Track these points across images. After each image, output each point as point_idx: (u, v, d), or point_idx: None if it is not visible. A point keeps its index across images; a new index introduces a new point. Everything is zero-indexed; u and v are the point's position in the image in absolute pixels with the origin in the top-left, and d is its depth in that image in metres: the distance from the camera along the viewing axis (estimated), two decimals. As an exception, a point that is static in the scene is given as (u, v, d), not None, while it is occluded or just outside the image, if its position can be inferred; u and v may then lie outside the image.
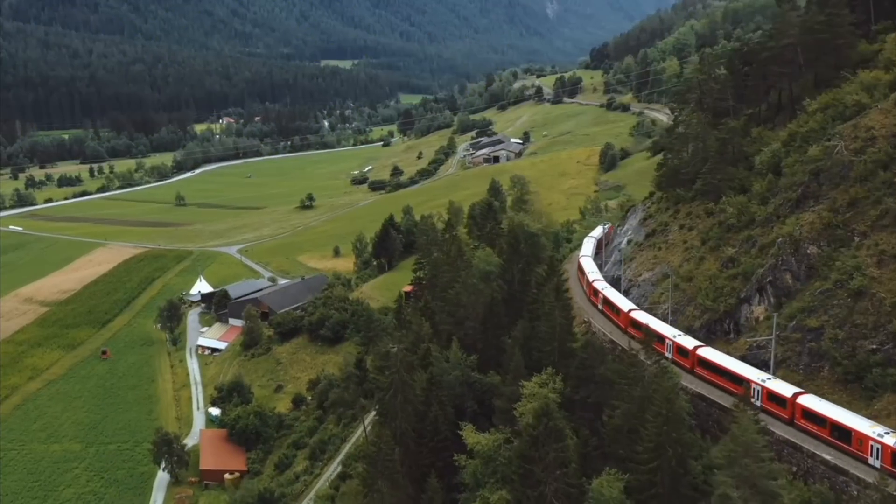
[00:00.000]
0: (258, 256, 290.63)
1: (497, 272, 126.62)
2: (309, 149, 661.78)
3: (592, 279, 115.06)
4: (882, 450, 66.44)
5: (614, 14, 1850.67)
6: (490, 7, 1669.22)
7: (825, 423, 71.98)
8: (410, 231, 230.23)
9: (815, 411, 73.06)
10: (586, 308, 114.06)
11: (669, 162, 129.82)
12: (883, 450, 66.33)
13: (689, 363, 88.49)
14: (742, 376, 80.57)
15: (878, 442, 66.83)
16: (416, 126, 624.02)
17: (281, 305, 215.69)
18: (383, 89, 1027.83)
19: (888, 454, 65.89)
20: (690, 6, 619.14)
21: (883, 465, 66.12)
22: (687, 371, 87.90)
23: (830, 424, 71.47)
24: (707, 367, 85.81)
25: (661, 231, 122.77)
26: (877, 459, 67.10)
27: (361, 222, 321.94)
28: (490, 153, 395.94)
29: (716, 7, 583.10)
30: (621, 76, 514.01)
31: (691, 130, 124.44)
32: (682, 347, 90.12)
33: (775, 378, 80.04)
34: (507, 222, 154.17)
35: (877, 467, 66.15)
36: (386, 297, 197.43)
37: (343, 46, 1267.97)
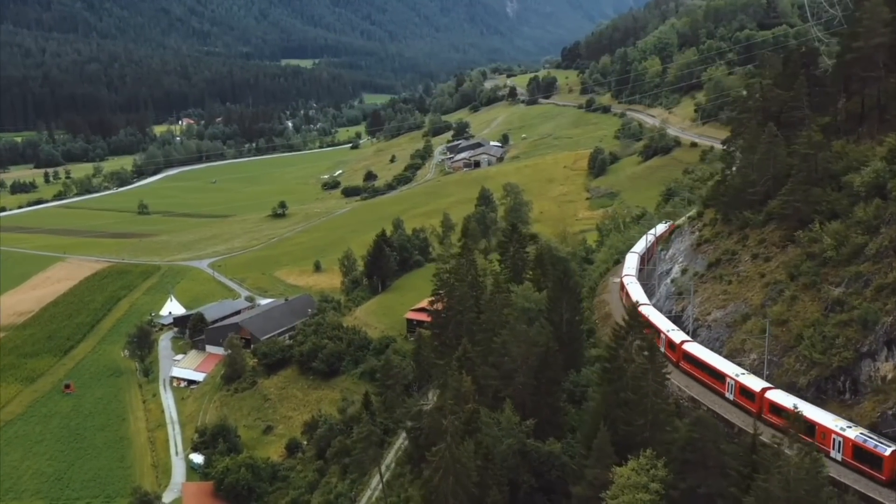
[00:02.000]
0: (232, 272, 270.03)
1: (535, 309, 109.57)
2: (274, 151, 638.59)
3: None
4: (843, 443, 69.85)
5: (574, 13, 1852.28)
6: (450, 6, 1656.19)
7: (782, 413, 74.76)
8: (404, 247, 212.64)
9: (782, 405, 75.98)
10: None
11: (730, 180, 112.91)
12: (844, 443, 69.73)
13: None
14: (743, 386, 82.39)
15: (839, 435, 70.32)
16: (386, 128, 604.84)
17: (264, 331, 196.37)
18: (346, 89, 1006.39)
19: (849, 447, 69.23)
20: (663, 4, 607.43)
21: (844, 459, 69.75)
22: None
23: (802, 422, 72.03)
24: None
25: (729, 260, 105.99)
26: (838, 453, 70.49)
27: (340, 233, 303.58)
28: (470, 157, 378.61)
29: (690, 6, 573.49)
30: (598, 76, 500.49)
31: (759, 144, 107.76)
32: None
33: (749, 373, 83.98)
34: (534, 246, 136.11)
35: (838, 461, 69.80)
36: (384, 323, 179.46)
37: (303, 45, 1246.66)
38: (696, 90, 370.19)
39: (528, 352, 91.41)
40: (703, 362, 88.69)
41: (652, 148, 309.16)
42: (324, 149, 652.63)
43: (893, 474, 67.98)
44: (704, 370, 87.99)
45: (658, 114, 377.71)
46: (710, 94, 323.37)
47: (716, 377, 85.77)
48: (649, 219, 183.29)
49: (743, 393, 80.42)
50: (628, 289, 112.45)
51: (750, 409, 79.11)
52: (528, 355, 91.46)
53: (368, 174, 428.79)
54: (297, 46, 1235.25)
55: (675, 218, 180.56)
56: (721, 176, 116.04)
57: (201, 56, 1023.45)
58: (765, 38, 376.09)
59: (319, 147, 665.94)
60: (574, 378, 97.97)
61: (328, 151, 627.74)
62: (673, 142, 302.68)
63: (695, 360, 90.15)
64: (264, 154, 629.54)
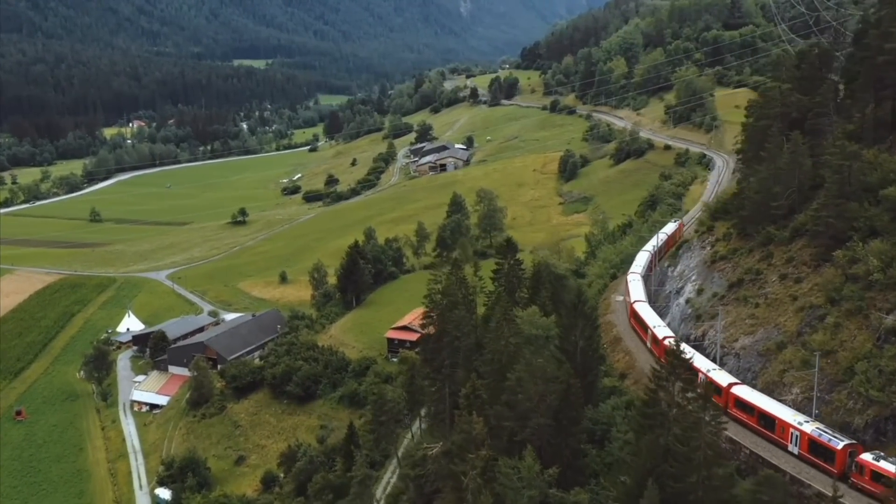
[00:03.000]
0: (192, 284, 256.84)
1: (543, 336, 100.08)
2: (230, 154, 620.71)
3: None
4: (800, 437, 71.52)
5: (527, 13, 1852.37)
6: (404, 5, 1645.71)
7: (753, 412, 77.53)
8: (378, 259, 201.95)
9: (746, 400, 78.79)
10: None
11: (748, 191, 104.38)
12: (801, 437, 71.39)
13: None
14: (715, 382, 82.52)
15: (797, 430, 71.86)
16: (345, 130, 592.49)
17: (231, 350, 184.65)
18: (301, 90, 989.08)
19: (805, 441, 70.97)
20: (623, 4, 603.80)
21: (801, 453, 71.56)
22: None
23: (758, 413, 76.79)
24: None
25: (753, 281, 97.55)
26: (795, 446, 72.18)
27: (305, 241, 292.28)
28: (436, 161, 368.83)
29: (650, 6, 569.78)
30: (561, 77, 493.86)
31: (781, 153, 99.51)
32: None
33: (721, 369, 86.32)
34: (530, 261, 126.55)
35: (795, 454, 71.92)
36: (361, 342, 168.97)
37: (256, 45, 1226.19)
38: (665, 91, 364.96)
39: (547, 389, 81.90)
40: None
41: (624, 151, 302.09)
42: (281, 151, 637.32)
43: (845, 468, 68.90)
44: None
45: (626, 115, 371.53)
46: (680, 96, 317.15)
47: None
48: (638, 228, 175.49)
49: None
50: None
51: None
52: (547, 393, 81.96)
53: (330, 178, 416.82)
54: (250, 46, 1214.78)
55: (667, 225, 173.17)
56: (737, 187, 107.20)
57: (151, 56, 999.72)
58: (732, 38, 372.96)
59: (276, 150, 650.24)
60: (592, 414, 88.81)
61: (285, 154, 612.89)
62: (646, 144, 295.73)
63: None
64: (220, 157, 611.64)
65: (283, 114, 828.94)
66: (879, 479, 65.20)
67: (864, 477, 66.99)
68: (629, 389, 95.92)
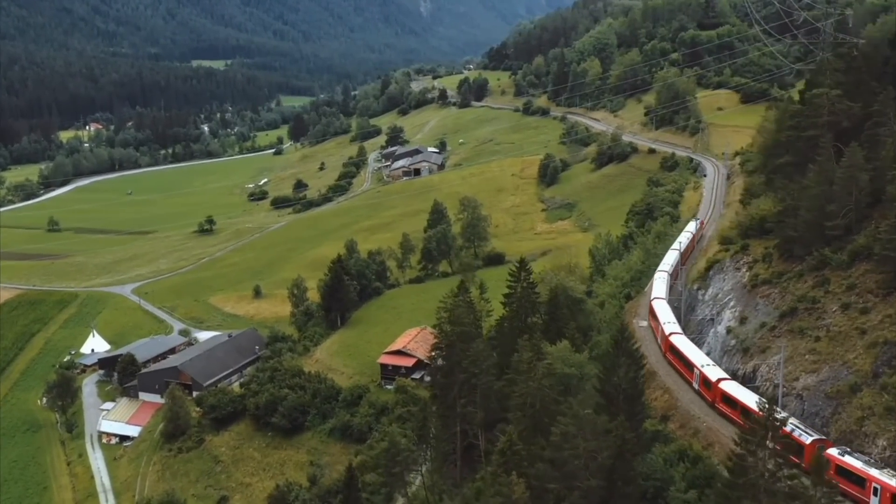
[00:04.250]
0: (160, 299, 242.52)
1: (576, 376, 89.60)
2: (192, 158, 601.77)
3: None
4: None
5: (487, 13, 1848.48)
6: (364, 5, 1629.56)
7: (737, 406, 79.00)
8: (362, 274, 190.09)
9: (731, 395, 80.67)
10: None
11: (795, 209, 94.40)
12: None
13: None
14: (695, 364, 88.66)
15: None
16: (311, 132, 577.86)
17: (207, 375, 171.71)
18: (262, 91, 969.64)
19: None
20: (591, 4, 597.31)
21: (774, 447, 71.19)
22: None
23: (741, 408, 77.74)
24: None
25: (808, 310, 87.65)
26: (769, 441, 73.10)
27: (278, 251, 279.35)
28: (409, 165, 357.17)
29: (618, 5, 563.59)
30: (532, 78, 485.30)
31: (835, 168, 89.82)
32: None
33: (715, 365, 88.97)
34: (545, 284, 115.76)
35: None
36: (351, 367, 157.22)
37: (214, 46, 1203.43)
38: (642, 93, 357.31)
39: (599, 445, 71.24)
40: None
41: (606, 154, 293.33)
42: (244, 155, 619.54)
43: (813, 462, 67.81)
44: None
45: (603, 117, 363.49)
46: (661, 98, 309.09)
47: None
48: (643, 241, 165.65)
49: (704, 383, 79.53)
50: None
51: (707, 398, 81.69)
52: (599, 449, 71.29)
53: (298, 183, 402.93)
54: (208, 47, 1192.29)
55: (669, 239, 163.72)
56: (782, 206, 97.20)
57: (107, 57, 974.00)
58: (709, 38, 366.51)
59: (240, 153, 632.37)
60: (640, 467, 78.25)
61: (250, 158, 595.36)
62: (629, 148, 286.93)
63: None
64: (182, 161, 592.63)
65: (245, 116, 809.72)
66: (844, 474, 65.99)
67: (829, 471, 66.00)
68: (675, 434, 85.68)
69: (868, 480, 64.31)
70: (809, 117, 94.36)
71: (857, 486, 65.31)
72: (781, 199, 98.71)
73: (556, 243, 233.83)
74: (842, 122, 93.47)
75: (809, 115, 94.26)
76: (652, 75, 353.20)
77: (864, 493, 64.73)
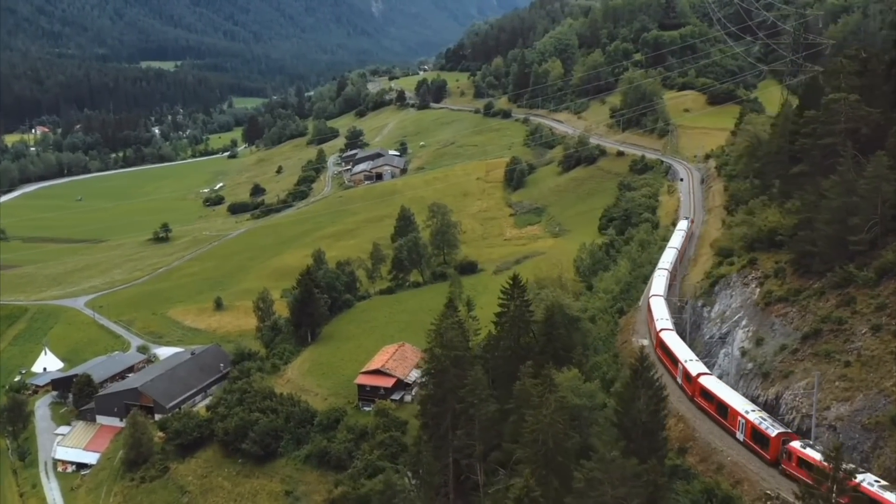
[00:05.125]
0: (116, 312, 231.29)
1: (587, 407, 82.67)
2: (144, 162, 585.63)
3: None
4: (745, 424, 76.13)
5: (439, 13, 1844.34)
6: (315, 5, 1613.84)
7: (713, 400, 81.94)
8: (332, 286, 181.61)
9: (708, 389, 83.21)
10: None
11: (808, 220, 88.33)
12: (746, 424, 76.05)
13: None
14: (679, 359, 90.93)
15: (743, 417, 76.57)
16: (266, 135, 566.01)
17: (170, 396, 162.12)
18: (214, 93, 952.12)
19: (749, 429, 75.63)
20: (548, 4, 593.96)
21: (745, 439, 76.40)
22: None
23: (717, 402, 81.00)
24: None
25: (835, 332, 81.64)
26: (741, 433, 76.96)
27: (238, 260, 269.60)
28: (371, 169, 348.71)
29: (576, 6, 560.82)
30: (492, 79, 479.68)
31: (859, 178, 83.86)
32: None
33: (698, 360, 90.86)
34: (538, 302, 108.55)
35: (741, 441, 76.81)
36: (325, 387, 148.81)
37: (163, 46, 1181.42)
38: (606, 94, 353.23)
39: (629, 491, 64.30)
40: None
41: (573, 157, 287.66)
42: (197, 158, 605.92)
43: (778, 455, 72.51)
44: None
45: (566, 119, 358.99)
46: (628, 99, 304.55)
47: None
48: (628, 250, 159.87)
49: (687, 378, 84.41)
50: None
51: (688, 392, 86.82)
52: (629, 497, 64.35)
53: (255, 188, 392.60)
54: (157, 48, 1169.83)
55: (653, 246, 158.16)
56: (797, 217, 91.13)
57: (53, 59, 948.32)
58: (672, 39, 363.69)
59: (192, 156, 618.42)
60: (665, 509, 71.59)
61: (203, 161, 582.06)
62: (597, 150, 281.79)
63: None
64: (133, 166, 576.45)
65: (197, 118, 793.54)
66: (805, 466, 67.97)
67: (791, 463, 70.62)
68: (696, 470, 79.17)
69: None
70: (826, 124, 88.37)
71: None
72: (796, 211, 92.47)
73: (527, 249, 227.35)
74: (860, 128, 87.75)
75: (826, 121, 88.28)
76: (616, 76, 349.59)
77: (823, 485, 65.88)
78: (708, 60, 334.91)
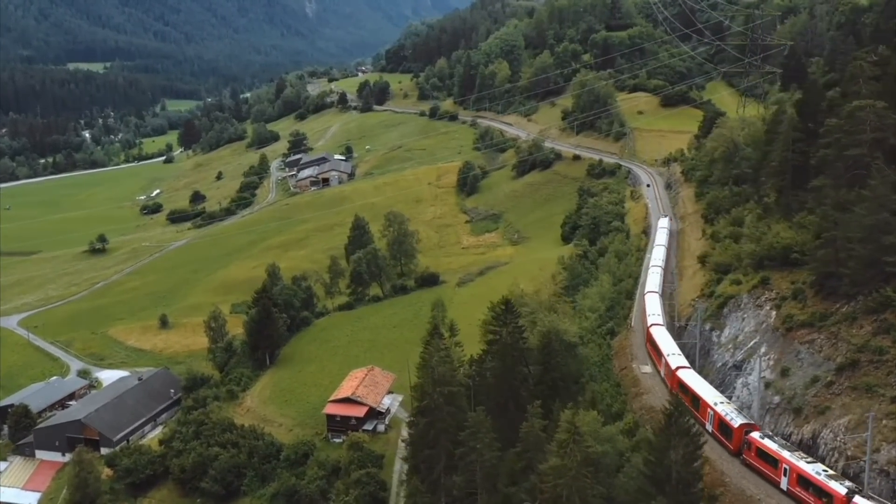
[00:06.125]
0: (52, 332, 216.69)
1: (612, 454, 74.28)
2: (75, 168, 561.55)
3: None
4: (714, 416, 79.53)
5: (373, 14, 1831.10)
6: (248, 6, 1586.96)
7: (688, 393, 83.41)
8: (290, 304, 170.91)
9: (685, 382, 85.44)
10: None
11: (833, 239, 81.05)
12: (714, 416, 79.42)
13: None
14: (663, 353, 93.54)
15: (712, 409, 79.83)
16: (203, 139, 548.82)
17: (117, 428, 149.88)
18: (146, 95, 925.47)
19: (716, 420, 78.99)
20: (490, 5, 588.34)
21: (713, 430, 79.41)
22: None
23: (691, 394, 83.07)
24: None
25: (875, 363, 74.54)
26: (710, 425, 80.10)
27: (182, 273, 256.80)
28: (317, 175, 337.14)
29: (517, 6, 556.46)
30: (436, 81, 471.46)
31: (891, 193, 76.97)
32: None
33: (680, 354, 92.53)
34: (534, 328, 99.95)
35: (708, 431, 79.37)
36: (289, 416, 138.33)
37: (92, 48, 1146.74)
38: (555, 96, 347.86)
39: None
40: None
41: (528, 161, 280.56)
42: (131, 163, 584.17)
43: (741, 445, 74.80)
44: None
45: (515, 121, 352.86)
46: (581, 101, 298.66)
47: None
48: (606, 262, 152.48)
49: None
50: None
51: (669, 385, 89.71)
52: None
53: (195, 195, 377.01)
54: (85, 49, 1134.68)
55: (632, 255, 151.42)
56: (822, 236, 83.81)
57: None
58: (621, 39, 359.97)
59: (126, 161, 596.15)
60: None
61: (138, 167, 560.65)
62: (552, 154, 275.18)
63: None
64: (64, 172, 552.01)
65: (130, 121, 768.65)
66: (763, 456, 71.52)
67: (751, 453, 73.46)
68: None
69: (780, 461, 69.84)
70: (850, 133, 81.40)
71: (772, 467, 70.82)
72: (814, 227, 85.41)
73: (488, 259, 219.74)
74: (889, 138, 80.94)
75: (850, 130, 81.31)
76: (565, 78, 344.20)
77: (776, 473, 70.32)
78: (658, 63, 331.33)
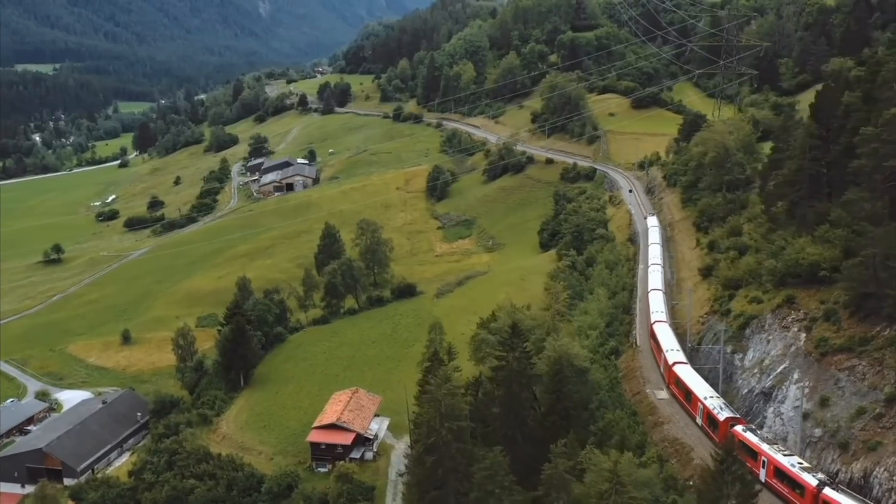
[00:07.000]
0: (6, 350, 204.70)
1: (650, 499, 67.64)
2: (26, 174, 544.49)
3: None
4: (703, 410, 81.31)
5: (328, 14, 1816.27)
6: (201, 6, 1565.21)
7: (682, 387, 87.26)
8: (263, 319, 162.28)
9: (681, 378, 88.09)
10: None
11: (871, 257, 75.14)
12: (704, 410, 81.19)
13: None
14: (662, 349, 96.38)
15: (702, 403, 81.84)
16: (159, 142, 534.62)
17: (82, 456, 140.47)
18: (97, 97, 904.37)
19: (705, 414, 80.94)
20: (450, 6, 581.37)
21: (702, 424, 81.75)
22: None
23: (685, 390, 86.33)
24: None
25: (927, 394, 68.87)
26: (699, 417, 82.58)
27: (144, 284, 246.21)
28: (281, 179, 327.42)
29: (478, 6, 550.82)
30: (398, 82, 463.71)
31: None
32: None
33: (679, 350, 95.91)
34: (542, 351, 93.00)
35: (698, 424, 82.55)
36: (269, 443, 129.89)
37: (40, 49, 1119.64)
38: (523, 98, 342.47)
39: None
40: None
41: (499, 165, 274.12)
42: (85, 168, 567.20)
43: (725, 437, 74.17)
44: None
45: (482, 124, 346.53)
46: (550, 103, 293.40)
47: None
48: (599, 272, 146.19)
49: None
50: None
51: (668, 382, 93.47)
52: None
53: (153, 200, 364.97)
54: (33, 50, 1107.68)
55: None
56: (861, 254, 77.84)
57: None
58: (588, 40, 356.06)
59: (79, 166, 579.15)
60: None
61: (91, 171, 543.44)
62: (524, 158, 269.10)
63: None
64: (14, 177, 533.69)
65: (81, 124, 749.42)
66: (744, 448, 71.88)
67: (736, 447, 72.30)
68: None
69: (759, 454, 71.74)
70: (889, 143, 75.62)
71: (752, 459, 71.63)
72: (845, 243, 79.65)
73: (464, 267, 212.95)
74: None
75: (889, 139, 75.55)
76: (532, 80, 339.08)
77: (756, 465, 71.61)
78: (625, 64, 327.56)
